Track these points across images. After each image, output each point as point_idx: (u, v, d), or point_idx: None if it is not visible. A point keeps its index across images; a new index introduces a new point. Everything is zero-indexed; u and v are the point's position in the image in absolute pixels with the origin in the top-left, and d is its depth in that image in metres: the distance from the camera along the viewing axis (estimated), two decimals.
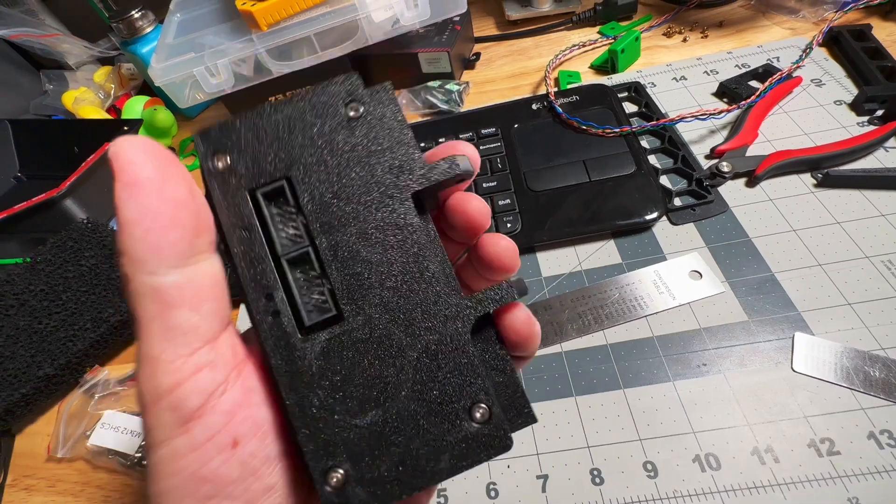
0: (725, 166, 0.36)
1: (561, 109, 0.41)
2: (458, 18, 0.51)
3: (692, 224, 0.34)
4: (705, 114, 0.38)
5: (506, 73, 0.53)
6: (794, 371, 0.27)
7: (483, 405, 0.13)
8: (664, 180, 0.37)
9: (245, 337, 0.14)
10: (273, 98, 0.52)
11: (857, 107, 0.38)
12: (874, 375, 0.26)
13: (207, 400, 0.12)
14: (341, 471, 0.13)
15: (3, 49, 0.63)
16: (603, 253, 0.35)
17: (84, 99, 0.58)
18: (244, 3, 0.44)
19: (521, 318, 0.15)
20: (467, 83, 0.51)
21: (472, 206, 0.15)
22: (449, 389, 0.13)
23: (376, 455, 0.13)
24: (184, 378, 0.12)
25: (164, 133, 0.57)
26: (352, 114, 0.14)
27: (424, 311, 0.13)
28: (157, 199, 0.11)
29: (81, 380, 0.36)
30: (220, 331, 0.13)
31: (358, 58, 0.52)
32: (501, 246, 0.16)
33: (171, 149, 0.57)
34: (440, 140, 0.43)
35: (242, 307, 0.39)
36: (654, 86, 0.45)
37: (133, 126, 0.48)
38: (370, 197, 0.14)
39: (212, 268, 0.12)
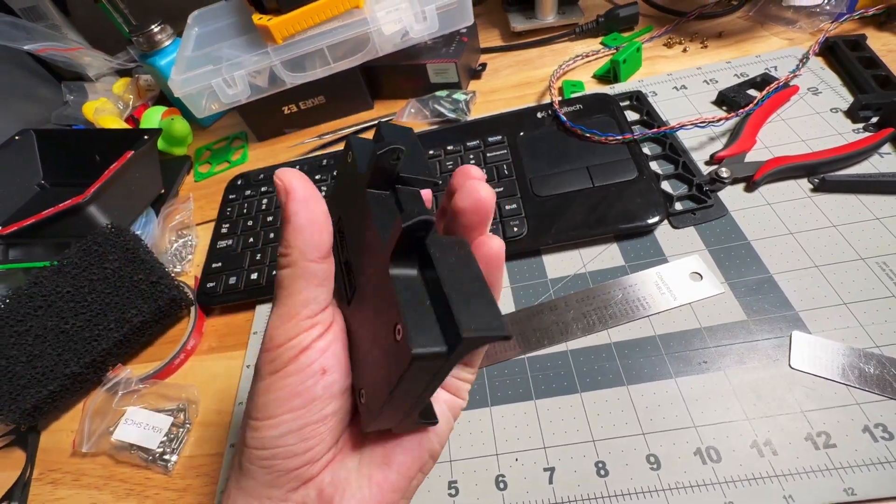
0: (725, 172, 0.37)
1: (565, 118, 0.43)
2: (465, 30, 0.53)
3: (693, 228, 0.36)
4: (705, 122, 0.40)
5: (511, 83, 0.54)
6: (791, 368, 0.28)
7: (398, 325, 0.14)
8: (665, 185, 0.39)
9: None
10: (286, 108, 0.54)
11: (852, 114, 0.39)
12: (869, 372, 0.27)
13: (312, 342, 0.18)
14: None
15: (27, 62, 0.66)
16: (606, 255, 0.36)
17: (104, 109, 0.61)
18: (260, 19, 0.46)
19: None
20: (474, 93, 0.52)
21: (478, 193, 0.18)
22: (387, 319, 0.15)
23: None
24: (304, 330, 0.17)
25: (181, 142, 0.59)
26: None
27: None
28: (315, 211, 0.17)
29: (105, 378, 0.38)
30: (328, 302, 0.18)
31: (368, 68, 0.54)
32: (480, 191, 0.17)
33: (187, 157, 0.59)
34: (448, 148, 0.45)
35: (258, 307, 0.41)
36: (656, 94, 0.46)
37: (152, 135, 0.50)
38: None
39: (333, 260, 0.18)
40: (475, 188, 0.17)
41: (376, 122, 0.54)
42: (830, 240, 0.33)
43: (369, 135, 0.54)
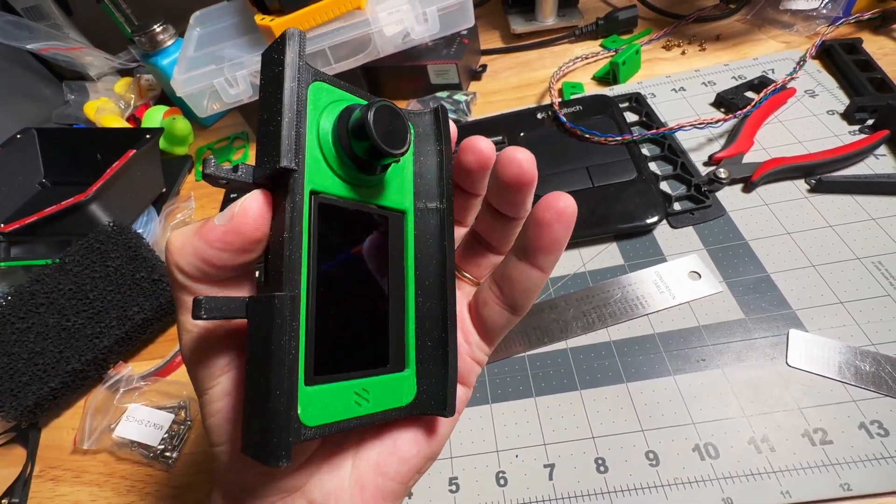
0: (723, 173, 0.37)
1: (565, 118, 0.43)
2: (465, 32, 0.53)
3: (691, 227, 0.36)
4: (703, 123, 0.40)
5: (511, 85, 0.55)
6: (788, 366, 0.28)
7: None
8: (664, 186, 0.39)
9: None
10: None
11: (848, 116, 0.40)
12: (864, 369, 0.27)
13: None
14: None
15: (29, 61, 0.66)
16: (606, 255, 0.36)
17: (105, 109, 0.61)
18: (263, 19, 0.47)
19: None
20: (474, 94, 0.53)
21: (477, 143, 0.17)
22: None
23: None
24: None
25: (182, 141, 0.59)
26: None
27: None
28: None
29: (106, 375, 0.38)
30: None
31: (369, 69, 0.54)
32: (518, 156, 0.16)
33: (188, 156, 0.59)
34: None
35: None
36: (654, 96, 0.47)
37: (154, 135, 0.50)
38: None
39: None
40: (514, 155, 0.16)
41: None
42: (827, 240, 0.33)
43: None
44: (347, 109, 0.16)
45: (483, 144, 0.17)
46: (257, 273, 0.17)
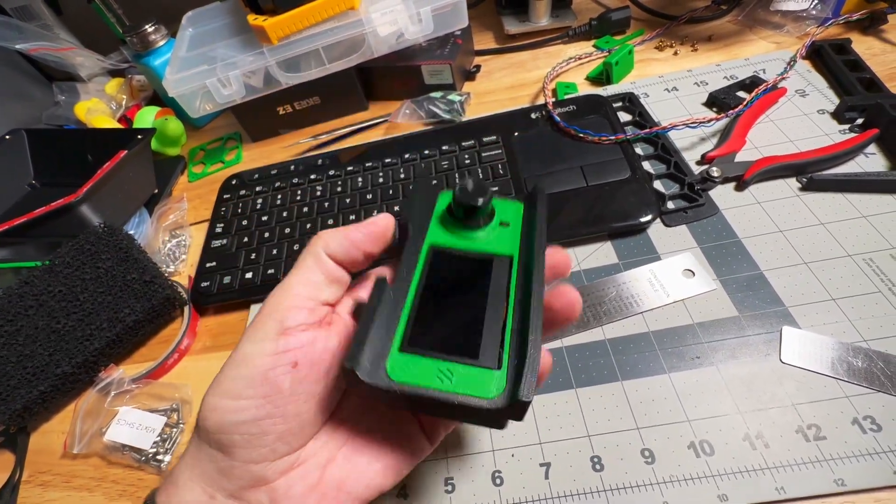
0: (715, 171, 0.38)
1: (559, 118, 0.43)
2: (459, 32, 0.53)
3: (685, 226, 0.36)
4: (696, 122, 0.40)
5: (505, 85, 0.55)
6: (782, 362, 0.28)
7: None
8: (658, 185, 0.39)
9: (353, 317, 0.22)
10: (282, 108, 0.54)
11: (838, 115, 0.40)
12: (857, 365, 0.27)
13: (295, 328, 0.19)
14: None
15: (18, 61, 0.65)
16: (600, 253, 0.36)
17: (96, 109, 0.60)
18: (256, 19, 0.46)
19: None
20: (468, 94, 0.53)
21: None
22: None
23: None
24: (293, 306, 0.19)
25: (175, 142, 0.59)
26: None
27: None
28: (366, 236, 0.22)
29: (97, 378, 0.37)
30: (332, 301, 0.21)
31: (363, 69, 0.54)
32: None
33: (181, 157, 0.59)
34: (443, 148, 0.45)
35: (252, 307, 0.40)
36: (647, 96, 0.47)
37: (145, 135, 0.50)
38: None
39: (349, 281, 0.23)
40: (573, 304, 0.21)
41: (371, 123, 0.54)
42: (818, 237, 0.33)
43: (360, 137, 0.54)
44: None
45: (573, 298, 0.21)
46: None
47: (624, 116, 0.46)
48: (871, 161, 0.37)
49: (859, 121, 0.39)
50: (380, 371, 0.19)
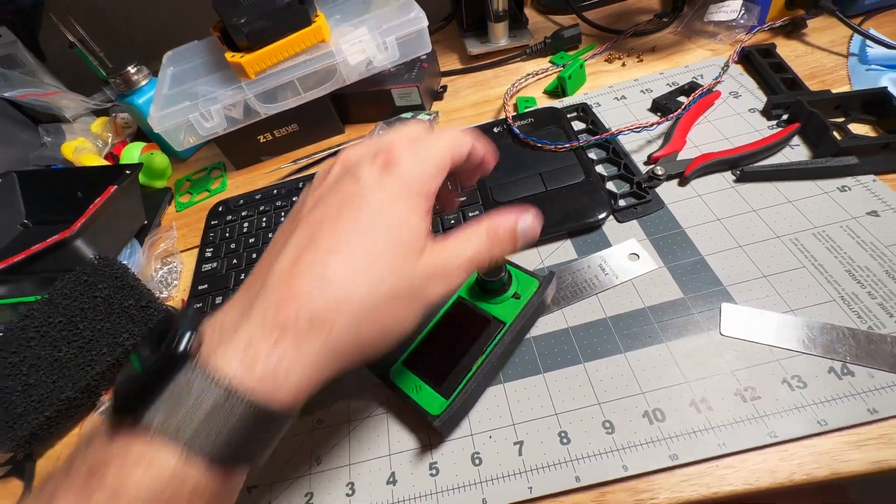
0: (660, 170, 0.42)
1: (519, 131, 0.47)
2: (424, 57, 0.57)
3: (635, 221, 0.40)
4: (641, 126, 0.44)
5: (470, 102, 0.59)
6: (721, 335, 0.32)
7: None
8: (610, 185, 0.43)
9: None
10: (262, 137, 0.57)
11: (766, 113, 0.45)
12: (784, 332, 0.31)
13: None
14: None
15: (4, 107, 0.67)
16: (561, 251, 0.40)
17: (83, 148, 0.63)
18: (233, 56, 0.50)
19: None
20: (437, 113, 0.57)
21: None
22: None
23: None
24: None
25: (161, 175, 0.61)
26: None
27: None
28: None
29: (99, 402, 0.39)
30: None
31: (337, 96, 0.58)
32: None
33: (168, 189, 0.61)
34: None
35: None
36: (599, 105, 0.51)
37: (133, 170, 0.53)
38: None
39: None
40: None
41: (346, 145, 0.57)
42: (751, 223, 0.37)
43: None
44: None
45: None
46: None
47: (579, 125, 0.50)
48: (796, 152, 0.41)
49: (784, 117, 0.44)
50: (389, 370, 0.33)
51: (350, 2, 0.58)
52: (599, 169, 0.45)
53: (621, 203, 0.41)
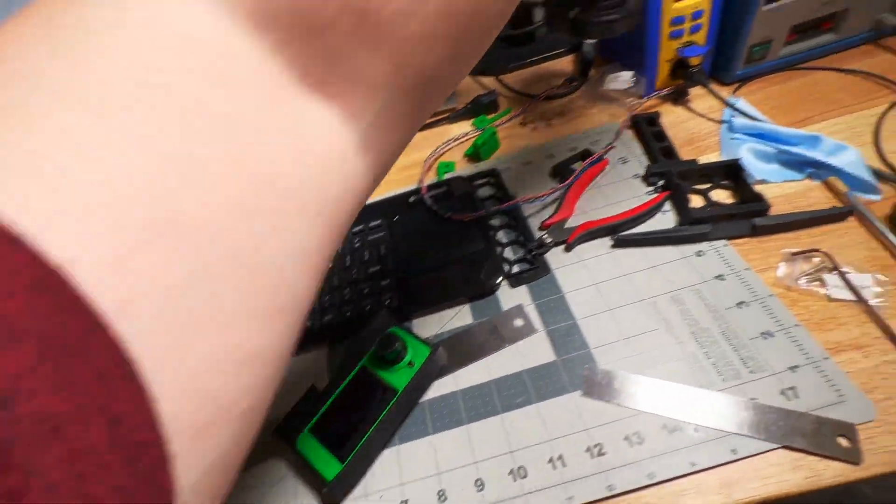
0: (548, 238, 0.47)
1: (431, 201, 0.53)
2: None
3: (525, 286, 0.45)
4: (535, 197, 0.50)
5: (399, 167, 0.64)
6: (583, 397, 0.37)
7: None
8: (508, 251, 0.48)
9: None
10: None
11: (647, 179, 0.50)
12: (631, 391, 0.36)
13: None
14: None
15: None
16: (460, 316, 0.45)
17: None
18: None
19: None
20: None
21: None
22: None
23: None
24: None
25: None
26: None
27: None
28: None
29: None
30: None
31: None
32: None
33: None
34: None
35: None
36: (509, 170, 0.57)
37: None
38: None
39: None
40: None
41: None
42: (620, 286, 0.42)
43: None
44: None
45: None
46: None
47: (489, 191, 0.55)
48: (667, 217, 0.47)
49: (661, 183, 0.49)
50: (296, 438, 0.37)
51: None
52: (501, 235, 0.50)
53: (515, 269, 0.46)
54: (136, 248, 0.10)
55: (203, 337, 0.11)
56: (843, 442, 0.31)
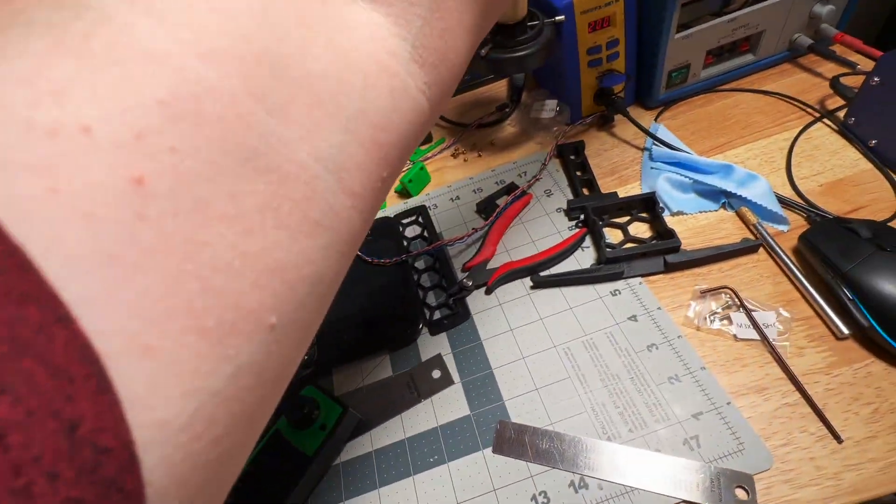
0: (468, 281, 0.46)
1: None
2: None
3: (444, 333, 0.44)
4: (457, 239, 0.49)
5: None
6: (493, 454, 0.36)
7: None
8: (430, 296, 0.48)
9: None
10: None
11: (569, 213, 0.50)
12: (541, 447, 0.35)
13: None
14: None
15: None
16: (380, 367, 0.44)
17: None
18: None
19: None
20: None
21: None
22: None
23: None
24: None
25: None
26: None
27: None
28: None
29: None
30: None
31: None
32: None
33: None
34: None
35: None
36: (437, 207, 0.56)
37: None
38: None
39: None
40: None
41: None
42: (536, 332, 0.42)
43: None
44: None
45: None
46: None
47: (416, 230, 0.54)
48: (586, 254, 0.46)
49: (581, 218, 0.49)
50: None
51: None
52: (425, 278, 0.49)
53: (436, 314, 0.46)
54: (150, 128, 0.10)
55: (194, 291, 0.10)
56: (741, 494, 0.31)
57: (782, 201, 0.44)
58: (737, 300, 0.39)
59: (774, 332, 0.37)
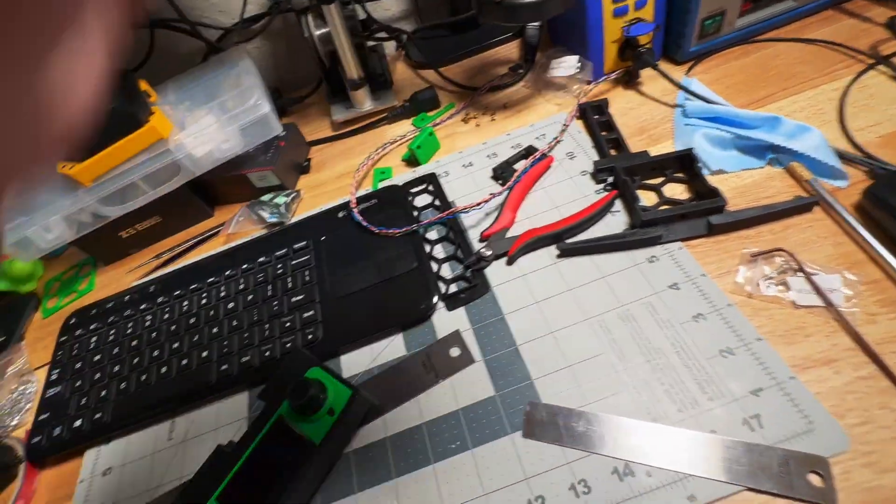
0: (487, 251, 0.42)
1: (359, 216, 0.47)
2: (283, 134, 0.56)
3: (463, 308, 0.40)
4: (471, 207, 0.44)
5: (336, 174, 0.58)
6: (523, 438, 0.32)
7: None
8: (445, 268, 0.43)
9: None
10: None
11: (595, 176, 0.45)
12: (577, 430, 0.31)
13: None
14: None
15: None
16: (392, 347, 0.40)
17: None
18: (64, 167, 0.48)
19: None
20: (297, 192, 0.56)
21: None
22: None
23: None
24: None
25: (28, 279, 0.59)
26: None
27: None
28: None
29: None
30: None
31: (200, 182, 0.56)
32: None
33: (33, 294, 0.59)
34: (260, 259, 0.48)
35: (86, 453, 0.41)
36: (448, 174, 0.51)
37: None
38: None
39: None
40: None
41: (205, 236, 0.56)
42: (565, 304, 0.38)
43: (203, 248, 0.56)
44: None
45: None
46: None
47: (427, 199, 0.49)
48: (617, 219, 0.42)
49: (610, 180, 0.44)
50: None
51: (199, 87, 0.57)
52: (438, 249, 0.45)
53: (452, 288, 0.41)
54: None
55: None
56: (815, 480, 0.27)
57: (838, 154, 0.39)
58: (794, 263, 0.34)
59: (841, 297, 0.32)
